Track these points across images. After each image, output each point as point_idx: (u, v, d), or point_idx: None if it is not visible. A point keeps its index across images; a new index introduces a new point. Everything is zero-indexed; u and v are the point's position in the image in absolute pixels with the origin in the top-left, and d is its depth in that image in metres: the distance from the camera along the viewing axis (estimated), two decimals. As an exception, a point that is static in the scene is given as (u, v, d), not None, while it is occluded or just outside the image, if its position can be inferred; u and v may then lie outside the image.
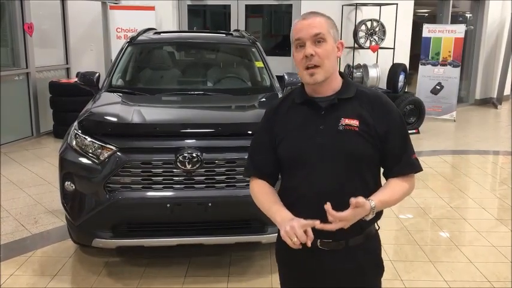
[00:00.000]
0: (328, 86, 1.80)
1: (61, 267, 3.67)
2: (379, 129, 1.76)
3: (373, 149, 1.77)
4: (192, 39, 5.58)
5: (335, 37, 1.80)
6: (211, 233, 3.44)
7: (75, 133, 3.50)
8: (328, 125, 1.77)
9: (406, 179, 1.81)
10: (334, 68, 1.80)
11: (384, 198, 1.73)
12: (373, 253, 1.89)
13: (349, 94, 1.80)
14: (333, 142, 1.76)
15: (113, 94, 4.26)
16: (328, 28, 1.79)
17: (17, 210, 4.76)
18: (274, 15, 10.30)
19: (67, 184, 3.41)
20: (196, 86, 4.77)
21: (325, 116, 1.79)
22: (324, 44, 1.76)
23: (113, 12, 8.39)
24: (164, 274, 3.58)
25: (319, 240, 1.78)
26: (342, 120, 1.76)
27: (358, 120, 1.75)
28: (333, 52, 1.78)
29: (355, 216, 1.64)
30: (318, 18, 1.81)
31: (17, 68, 7.46)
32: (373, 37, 8.20)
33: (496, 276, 3.61)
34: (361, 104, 1.79)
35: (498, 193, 5.54)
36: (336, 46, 1.80)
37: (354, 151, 1.75)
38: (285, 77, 4.71)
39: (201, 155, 3.26)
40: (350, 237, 1.79)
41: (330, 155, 1.76)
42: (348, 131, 1.75)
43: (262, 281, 3.51)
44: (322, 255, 1.82)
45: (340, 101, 1.79)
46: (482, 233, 4.34)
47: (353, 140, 1.75)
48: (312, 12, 1.85)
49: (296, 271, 1.94)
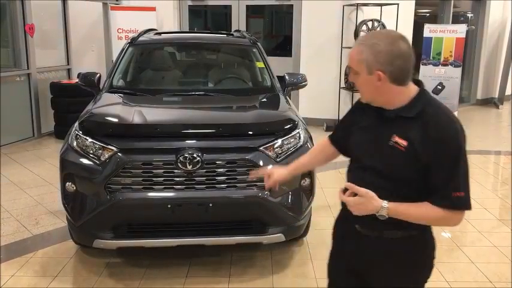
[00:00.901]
0: (389, 102, 1.83)
1: (62, 268, 3.67)
2: (425, 157, 1.74)
3: (415, 172, 1.78)
4: (193, 40, 5.58)
5: (369, 69, 1.76)
6: (212, 234, 3.44)
7: (76, 134, 3.50)
8: (382, 137, 1.84)
9: (443, 210, 1.77)
10: (379, 94, 1.81)
11: (401, 208, 1.78)
12: (404, 255, 1.90)
13: (409, 114, 1.79)
14: (381, 154, 1.83)
15: (114, 95, 4.26)
16: (359, 62, 1.79)
17: (18, 211, 4.76)
18: (275, 16, 10.29)
19: (68, 185, 3.41)
20: (197, 87, 4.78)
21: (383, 128, 1.85)
22: (358, 76, 1.82)
23: (114, 12, 8.39)
24: (165, 275, 3.58)
25: (357, 225, 1.94)
26: (393, 137, 1.80)
27: (407, 141, 1.77)
28: (368, 84, 1.79)
29: (357, 204, 1.79)
30: (354, 50, 1.82)
31: (18, 69, 7.46)
32: (374, 37, 8.19)
33: (497, 277, 3.60)
34: (419, 126, 1.76)
35: (500, 193, 5.53)
36: (372, 78, 1.77)
37: (391, 169, 1.81)
38: (286, 78, 4.71)
39: (201, 156, 3.26)
40: (385, 230, 1.87)
41: (374, 164, 1.85)
42: (395, 148, 1.79)
43: (263, 282, 3.51)
44: (360, 238, 1.95)
45: (400, 117, 1.81)
46: (484, 233, 4.34)
47: (396, 159, 1.79)
48: (357, 42, 1.84)
49: (340, 244, 2.16)
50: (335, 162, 6.48)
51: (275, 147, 3.42)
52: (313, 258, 3.85)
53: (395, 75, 1.76)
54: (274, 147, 3.42)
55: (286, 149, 3.47)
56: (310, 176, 3.58)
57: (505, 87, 10.89)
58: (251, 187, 3.35)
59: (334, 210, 4.86)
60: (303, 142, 3.59)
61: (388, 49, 1.74)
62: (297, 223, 3.54)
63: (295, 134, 3.57)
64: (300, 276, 3.61)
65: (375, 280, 2.00)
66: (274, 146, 3.42)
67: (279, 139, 3.46)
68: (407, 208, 1.78)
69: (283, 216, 3.44)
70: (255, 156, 3.34)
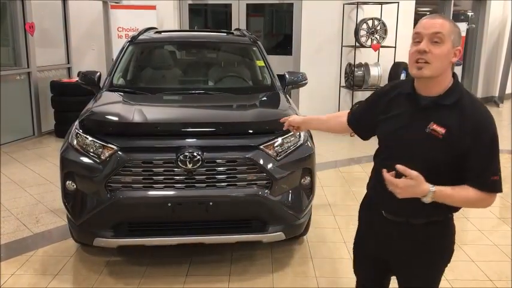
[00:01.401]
0: (434, 86, 1.88)
1: (62, 266, 3.67)
2: (463, 144, 1.82)
3: (452, 160, 1.85)
4: (193, 39, 5.58)
5: (454, 43, 1.84)
6: (212, 232, 3.44)
7: (76, 132, 3.50)
8: (419, 124, 1.88)
9: (481, 193, 1.86)
10: (443, 70, 1.86)
11: (447, 190, 1.83)
12: (430, 241, 1.99)
13: (448, 101, 1.86)
14: (416, 141, 1.88)
15: (114, 93, 4.26)
16: (450, 32, 1.84)
17: (19, 209, 4.76)
18: (275, 14, 10.28)
19: (68, 183, 3.41)
20: (197, 85, 4.78)
21: (420, 115, 1.89)
22: (441, 45, 1.83)
23: (114, 11, 8.39)
24: (165, 273, 3.58)
25: (384, 211, 2.03)
26: (431, 124, 1.86)
27: (446, 129, 1.83)
28: (447, 56, 1.84)
29: (407, 186, 1.79)
30: (443, 20, 1.86)
31: (19, 68, 7.46)
32: (374, 36, 8.17)
33: (497, 275, 3.60)
34: (456, 114, 1.84)
35: (500, 192, 5.52)
36: (453, 51, 1.85)
37: (429, 156, 1.86)
38: (286, 76, 4.71)
39: (202, 154, 3.26)
40: (411, 216, 1.95)
41: (410, 151, 1.89)
42: (432, 136, 1.85)
43: (263, 280, 3.51)
44: (386, 223, 2.04)
45: (437, 105, 1.87)
46: (484, 232, 4.34)
47: (433, 147, 1.85)
48: (439, 15, 1.91)
49: (365, 228, 2.24)
50: (335, 161, 6.49)
51: (275, 145, 3.42)
52: (314, 257, 3.85)
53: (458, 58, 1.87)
54: (275, 145, 3.42)
55: (287, 147, 3.47)
56: (311, 175, 3.58)
57: (505, 86, 10.89)
58: (251, 185, 3.35)
59: (334, 209, 4.86)
60: (303, 141, 3.59)
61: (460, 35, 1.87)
62: (297, 221, 3.54)
63: (295, 132, 3.57)
64: (300, 274, 3.61)
65: (400, 265, 2.09)
66: (275, 145, 3.42)
67: (279, 138, 3.46)
68: (451, 192, 1.83)
69: (284, 215, 3.44)
70: (255, 154, 3.34)
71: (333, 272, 3.64)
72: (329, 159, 6.64)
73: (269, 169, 3.34)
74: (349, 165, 6.51)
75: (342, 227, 4.44)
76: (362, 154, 6.97)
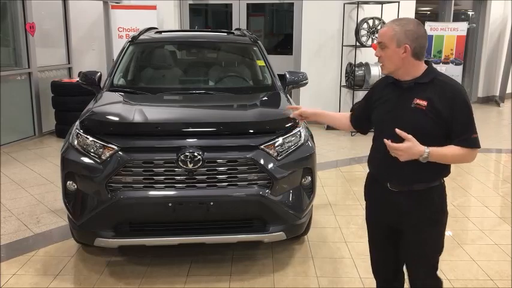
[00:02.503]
0: (405, 74, 2.32)
1: (63, 266, 3.67)
2: (444, 113, 2.21)
3: (436, 126, 2.23)
4: (193, 39, 5.58)
5: (399, 43, 2.26)
6: (213, 232, 3.44)
7: (77, 132, 3.50)
8: (404, 103, 2.30)
9: (465, 149, 2.24)
10: (399, 65, 2.29)
11: (439, 149, 2.20)
12: (431, 202, 2.36)
13: (424, 80, 2.29)
14: (404, 116, 2.27)
15: (115, 93, 4.26)
16: (390, 37, 2.27)
17: (19, 209, 4.76)
18: (276, 14, 10.28)
19: (69, 183, 3.41)
20: (198, 85, 4.78)
21: (404, 95, 2.32)
22: (386, 49, 2.30)
23: (115, 11, 8.39)
24: (166, 273, 3.58)
25: (389, 183, 2.38)
26: (414, 100, 2.27)
27: (427, 101, 2.23)
28: (394, 55, 2.28)
29: (407, 148, 2.17)
30: (386, 28, 2.30)
31: (19, 68, 7.47)
32: (375, 35, 8.17)
33: (498, 275, 3.60)
34: (434, 89, 2.25)
35: (501, 191, 5.52)
36: (400, 50, 2.26)
37: (418, 125, 2.23)
38: (287, 76, 4.71)
39: (202, 154, 3.26)
40: (413, 184, 2.33)
41: (399, 125, 2.22)
42: (417, 109, 2.25)
43: (264, 280, 3.51)
44: (392, 194, 2.39)
45: (416, 84, 2.29)
46: (485, 232, 4.33)
47: (419, 117, 2.24)
48: (389, 22, 2.33)
49: (373, 203, 2.57)
50: (336, 160, 6.49)
51: (276, 145, 3.42)
52: (314, 257, 3.85)
53: (416, 50, 2.26)
54: (275, 145, 3.42)
55: (287, 147, 3.47)
56: (311, 174, 3.58)
57: (506, 85, 10.88)
58: (252, 185, 3.35)
59: (335, 209, 4.86)
60: (303, 140, 3.59)
61: (415, 29, 2.26)
62: (297, 221, 3.54)
63: (296, 132, 3.57)
64: (301, 274, 3.61)
65: (407, 229, 2.41)
66: (275, 145, 3.42)
67: (279, 137, 3.46)
68: (443, 150, 2.22)
69: (284, 215, 3.44)
70: (256, 154, 3.34)
71: (334, 272, 3.64)
72: (330, 159, 6.64)
73: (270, 169, 3.34)
74: (349, 165, 6.50)
75: (343, 226, 4.44)
76: (363, 154, 6.97)
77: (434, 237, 2.43)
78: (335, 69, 8.58)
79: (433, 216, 2.38)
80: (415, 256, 2.45)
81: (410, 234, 2.41)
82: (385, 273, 2.70)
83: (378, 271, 2.73)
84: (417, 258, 2.45)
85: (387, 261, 2.64)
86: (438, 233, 2.44)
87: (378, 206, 2.52)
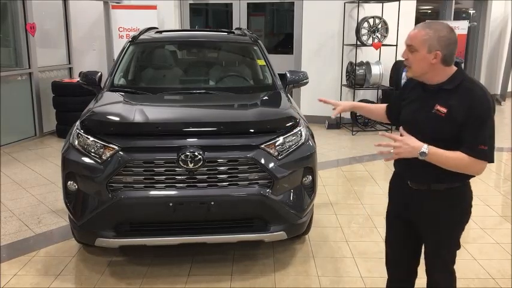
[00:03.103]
0: (430, 78, 2.31)
1: (64, 267, 3.67)
2: (459, 118, 2.20)
3: (453, 132, 2.22)
4: (193, 38, 5.58)
5: (431, 48, 2.22)
6: (213, 232, 3.44)
7: (78, 133, 3.50)
8: (426, 107, 2.31)
9: (470, 158, 2.20)
10: (426, 70, 2.28)
11: (438, 150, 2.20)
12: (451, 204, 2.37)
13: (449, 86, 2.27)
14: (424, 121, 2.30)
15: (115, 93, 4.26)
16: (422, 41, 2.23)
17: (20, 210, 4.77)
18: (276, 13, 10.27)
19: (70, 184, 3.41)
20: (198, 85, 4.77)
21: (427, 99, 2.33)
22: (415, 53, 2.27)
23: (115, 11, 8.39)
24: (167, 273, 3.58)
25: (409, 181, 2.43)
26: (436, 106, 2.27)
27: (447, 109, 2.23)
28: (423, 60, 2.25)
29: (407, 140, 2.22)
30: (417, 31, 2.27)
31: (20, 68, 7.47)
32: (375, 34, 8.16)
33: (500, 274, 3.60)
34: (456, 96, 2.23)
35: (502, 190, 5.51)
36: (431, 55, 2.23)
37: (435, 131, 2.26)
38: (287, 75, 4.70)
39: (203, 154, 3.25)
40: (432, 183, 2.34)
41: (421, 129, 2.28)
42: (436, 115, 2.26)
43: (265, 280, 3.51)
44: (412, 192, 2.43)
45: (441, 90, 2.28)
46: (486, 230, 4.33)
47: (438, 123, 2.25)
48: (421, 25, 2.29)
49: (396, 200, 2.61)
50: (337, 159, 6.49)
51: (276, 145, 3.42)
52: (315, 256, 3.84)
53: (447, 57, 2.24)
54: (276, 145, 3.42)
55: (288, 146, 3.47)
56: (312, 174, 3.58)
57: (507, 84, 10.86)
58: (253, 185, 3.35)
59: (336, 208, 4.86)
60: (304, 140, 3.59)
61: (448, 35, 2.23)
62: (298, 221, 3.53)
63: (296, 131, 3.57)
64: (302, 274, 3.61)
65: (426, 227, 2.44)
66: (276, 144, 3.42)
67: (280, 137, 3.46)
68: (444, 152, 2.21)
69: (285, 214, 3.44)
70: (257, 154, 3.33)
71: (335, 271, 3.64)
72: (331, 158, 6.64)
73: (270, 168, 3.34)
74: (350, 164, 6.50)
75: (344, 225, 4.43)
76: (363, 153, 6.97)
77: (453, 235, 2.45)
78: (336, 68, 8.57)
79: (453, 217, 2.40)
80: (432, 252, 2.49)
81: (429, 231, 2.45)
82: (398, 272, 2.74)
83: (392, 271, 2.76)
84: (434, 254, 2.49)
85: (402, 261, 2.68)
86: (457, 232, 2.46)
87: (400, 203, 2.55)
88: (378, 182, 5.73)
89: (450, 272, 2.52)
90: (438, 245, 2.46)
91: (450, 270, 2.52)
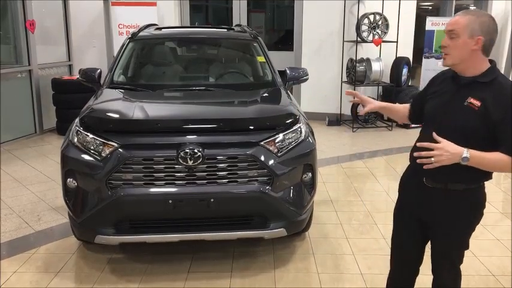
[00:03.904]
0: (465, 69, 2.25)
1: (64, 264, 3.67)
2: (495, 116, 2.14)
3: (486, 128, 2.17)
4: (193, 35, 5.57)
5: (473, 34, 2.17)
6: (213, 229, 3.43)
7: (77, 130, 3.49)
8: (458, 99, 2.25)
9: (510, 158, 2.14)
10: (465, 58, 2.22)
11: (480, 153, 2.14)
12: (466, 204, 2.32)
13: (484, 79, 2.21)
14: (455, 113, 2.24)
15: (115, 90, 4.25)
16: (464, 26, 2.18)
17: (20, 207, 4.77)
18: (276, 10, 10.26)
19: (69, 181, 3.40)
20: (198, 82, 4.76)
21: (459, 92, 2.26)
22: (456, 39, 2.20)
23: (115, 8, 8.37)
24: (167, 270, 3.58)
25: (425, 178, 2.35)
26: (469, 98, 2.21)
27: (481, 102, 2.17)
28: (464, 46, 2.19)
29: (447, 147, 2.13)
30: (459, 17, 2.21)
31: (20, 65, 7.46)
32: (376, 31, 8.13)
33: (500, 270, 3.60)
34: (491, 90, 2.18)
35: (503, 186, 5.51)
36: (472, 41, 2.17)
37: (466, 125, 2.19)
38: (287, 72, 4.69)
39: (202, 151, 3.24)
40: (449, 182, 2.29)
41: (450, 121, 2.23)
42: (469, 108, 2.20)
43: (265, 277, 3.51)
44: (427, 190, 2.37)
45: (475, 83, 2.22)
46: (486, 227, 4.32)
47: (470, 117, 2.19)
48: (464, 11, 2.24)
49: (407, 196, 2.53)
50: (337, 156, 6.49)
51: (276, 142, 3.41)
52: (315, 253, 3.84)
53: (487, 45, 2.20)
54: (276, 142, 3.41)
55: (288, 143, 3.46)
56: (312, 171, 3.57)
57: (507, 80, 10.83)
58: (252, 182, 3.34)
59: (336, 205, 4.85)
60: (304, 136, 3.58)
61: (490, 22, 2.20)
62: (298, 218, 3.53)
63: (296, 128, 3.56)
64: (302, 270, 3.61)
65: (437, 226, 2.40)
66: (276, 141, 3.41)
67: (280, 134, 3.45)
68: (485, 154, 2.15)
69: (285, 211, 3.43)
70: (256, 151, 3.33)
71: (335, 268, 3.63)
72: (331, 155, 6.63)
73: (270, 165, 3.33)
74: (351, 161, 6.50)
75: (344, 222, 4.43)
76: (364, 150, 6.97)
77: (463, 235, 2.42)
78: (336, 65, 8.55)
79: (468, 219, 2.37)
80: (442, 253, 2.46)
81: (439, 230, 2.41)
82: (402, 271, 2.70)
83: (397, 269, 2.72)
84: (445, 256, 2.46)
85: (408, 261, 2.64)
86: (469, 234, 2.42)
87: (411, 197, 2.49)
88: (378, 179, 5.73)
89: (457, 272, 2.50)
90: (449, 246, 2.43)
91: (458, 271, 2.50)
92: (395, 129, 8.25)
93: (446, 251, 2.44)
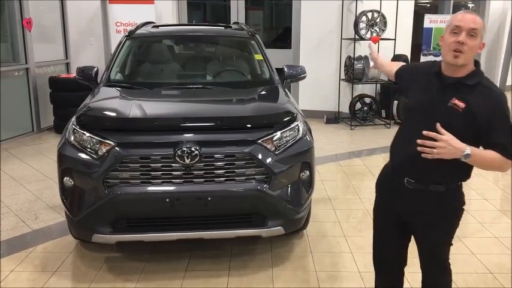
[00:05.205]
0: (458, 71, 2.22)
1: (61, 263, 3.66)
2: (481, 118, 2.14)
3: (469, 129, 2.16)
4: (190, 33, 5.55)
5: (482, 37, 2.19)
6: (211, 227, 3.42)
7: (73, 128, 3.48)
8: (442, 99, 2.22)
9: (504, 159, 2.16)
10: (472, 59, 2.22)
11: (480, 151, 2.15)
12: (446, 205, 2.33)
13: (469, 82, 2.21)
14: (437, 113, 2.20)
15: (112, 88, 4.24)
16: (481, 27, 2.17)
17: (18, 206, 4.75)
18: (274, 8, 10.24)
19: (66, 180, 3.39)
20: (195, 80, 4.74)
21: (443, 91, 2.23)
22: (475, 39, 2.16)
23: (112, 6, 8.33)
24: (165, 269, 3.57)
25: (406, 179, 2.34)
26: (453, 99, 2.19)
27: (465, 104, 2.16)
28: (476, 47, 2.18)
29: (451, 140, 2.09)
30: (477, 16, 2.18)
31: (17, 64, 7.43)
32: (374, 28, 8.12)
33: (498, 268, 3.59)
34: (476, 93, 2.18)
35: (501, 184, 5.51)
36: (480, 44, 2.19)
37: (450, 125, 2.14)
38: (285, 70, 4.68)
39: (200, 149, 3.23)
40: (430, 184, 2.28)
41: (431, 121, 2.15)
42: (452, 109, 2.18)
43: (263, 275, 3.50)
44: (407, 191, 2.35)
45: (459, 84, 2.21)
46: (484, 225, 4.32)
47: (453, 117, 2.17)
48: (473, 11, 2.27)
49: (386, 194, 2.53)
50: (335, 154, 6.48)
51: (274, 140, 3.40)
52: (313, 251, 3.84)
53: None
54: (273, 140, 3.40)
55: (285, 141, 3.45)
56: (310, 169, 3.56)
57: (505, 78, 10.83)
58: (250, 180, 3.33)
59: (334, 203, 4.85)
60: (301, 134, 3.57)
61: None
62: (296, 216, 3.52)
63: (294, 126, 3.55)
64: (300, 268, 3.60)
65: (420, 225, 2.40)
66: (273, 139, 3.40)
67: (277, 132, 3.44)
68: (483, 152, 2.16)
69: (283, 209, 3.42)
70: (254, 149, 3.32)
71: (333, 266, 3.63)
72: (329, 153, 6.62)
73: (268, 163, 3.32)
74: (349, 159, 6.49)
75: (342, 220, 4.42)
76: (362, 147, 6.96)
77: (450, 236, 2.43)
78: (334, 62, 8.54)
79: (451, 219, 2.38)
80: (430, 254, 2.47)
81: (425, 233, 2.41)
82: (386, 271, 2.69)
83: (380, 269, 2.71)
84: (432, 256, 2.47)
85: (391, 260, 2.63)
86: (453, 232, 2.43)
87: (390, 197, 2.47)
88: (376, 177, 5.71)
89: (447, 270, 2.51)
90: (435, 246, 2.44)
91: (447, 268, 2.50)
92: (393, 126, 8.25)
93: (433, 253, 2.46)
